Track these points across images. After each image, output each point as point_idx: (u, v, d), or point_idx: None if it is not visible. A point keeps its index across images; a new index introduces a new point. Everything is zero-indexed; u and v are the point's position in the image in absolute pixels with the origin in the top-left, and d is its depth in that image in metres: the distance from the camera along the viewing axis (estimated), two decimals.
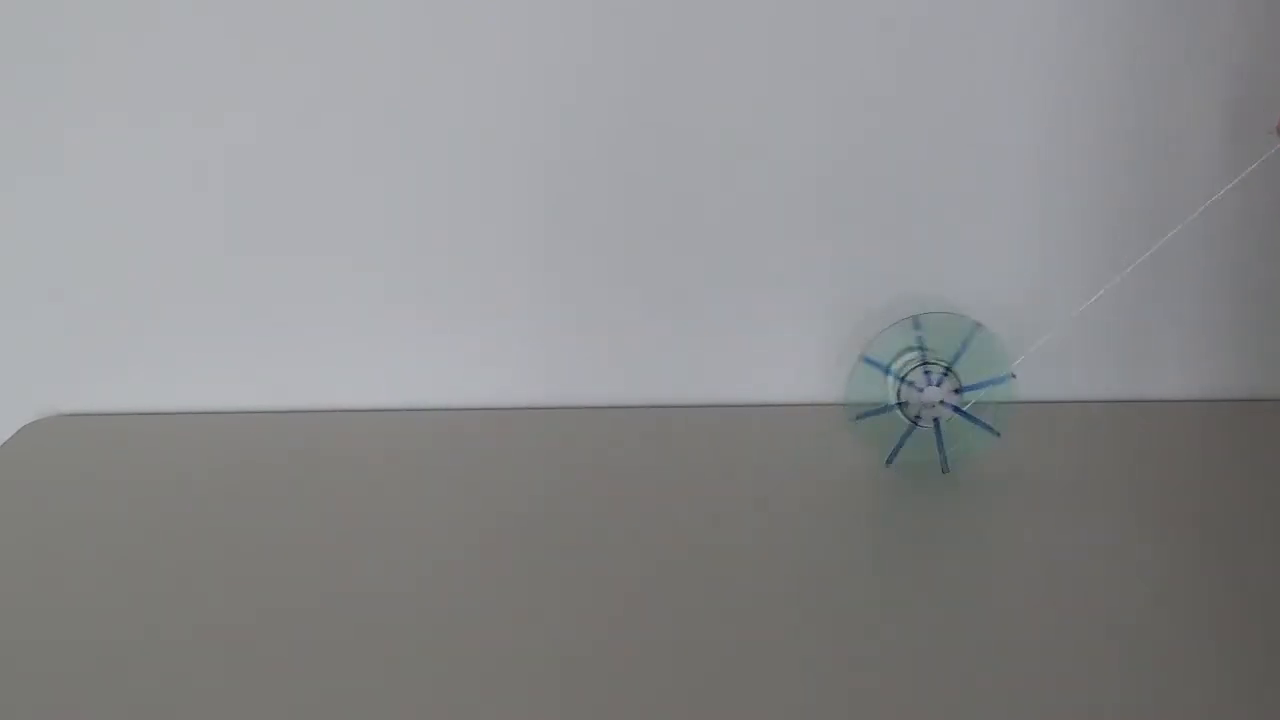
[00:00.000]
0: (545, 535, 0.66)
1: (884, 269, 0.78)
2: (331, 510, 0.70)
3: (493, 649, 0.57)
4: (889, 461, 0.69)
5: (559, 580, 0.62)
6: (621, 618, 0.59)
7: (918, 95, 0.74)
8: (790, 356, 0.81)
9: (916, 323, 0.69)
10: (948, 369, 0.67)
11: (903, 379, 0.67)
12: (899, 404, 0.68)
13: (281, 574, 0.63)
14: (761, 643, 0.57)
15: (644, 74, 0.74)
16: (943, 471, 0.68)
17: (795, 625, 0.58)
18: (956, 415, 0.67)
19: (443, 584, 0.62)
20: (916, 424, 0.68)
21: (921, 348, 0.68)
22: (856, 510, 0.68)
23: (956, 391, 0.67)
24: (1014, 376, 0.67)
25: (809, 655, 0.56)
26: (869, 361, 0.69)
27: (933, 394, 0.67)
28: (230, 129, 0.75)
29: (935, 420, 0.68)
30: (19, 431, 0.80)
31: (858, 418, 0.69)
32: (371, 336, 0.81)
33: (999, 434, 0.68)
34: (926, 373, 0.67)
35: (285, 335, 0.81)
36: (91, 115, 0.75)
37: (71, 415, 0.82)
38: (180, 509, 0.70)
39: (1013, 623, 0.58)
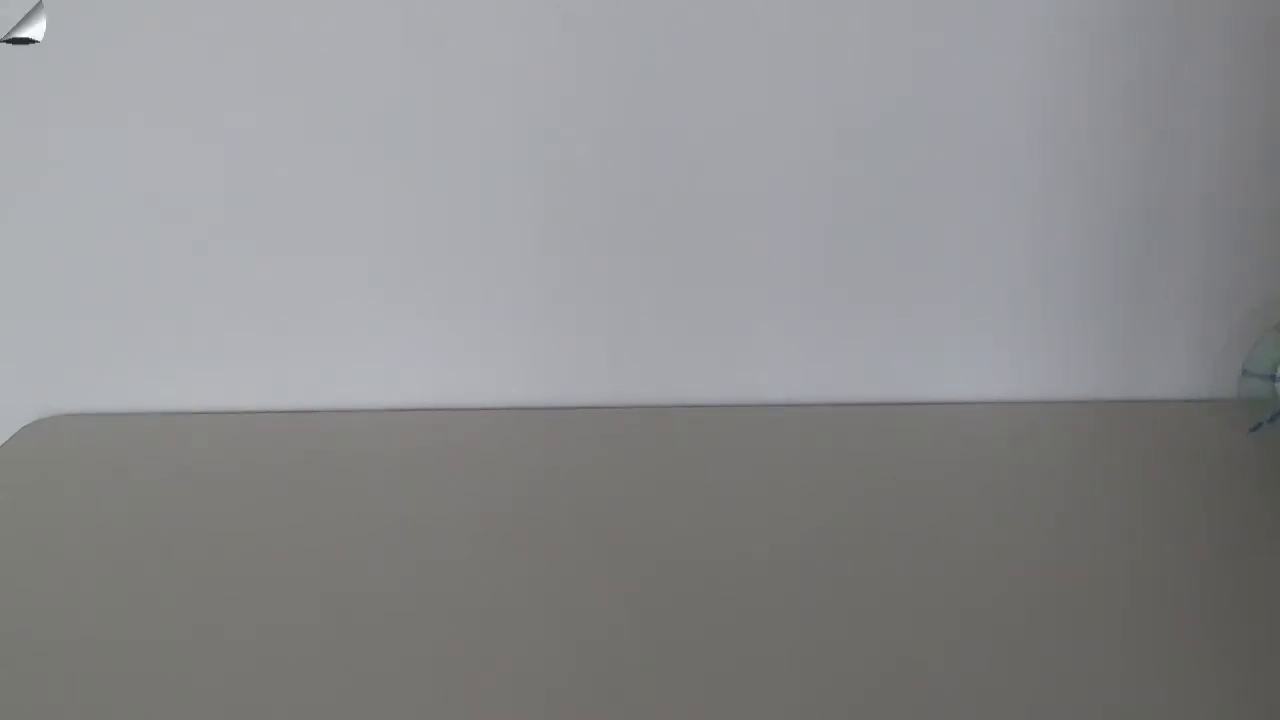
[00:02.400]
0: (545, 535, 0.66)
1: (879, 272, 0.78)
2: (331, 509, 0.70)
3: (494, 648, 0.57)
4: (1253, 430, 0.74)
5: (559, 580, 0.62)
6: (623, 618, 0.59)
7: (918, 97, 0.74)
8: (792, 357, 0.81)
9: None
10: None
11: None
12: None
13: (281, 573, 0.63)
14: (765, 647, 0.57)
15: (644, 75, 0.74)
16: None
17: (800, 632, 0.58)
18: None
19: (443, 583, 0.62)
20: None
21: None
22: (872, 511, 0.69)
23: None
24: None
25: (793, 662, 0.56)
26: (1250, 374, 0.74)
27: None
28: (231, 131, 0.75)
29: None
30: (19, 431, 0.80)
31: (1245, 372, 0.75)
32: (372, 336, 0.81)
33: None
34: None
35: (285, 335, 0.81)
36: (92, 116, 0.75)
37: (71, 415, 0.82)
38: (180, 509, 0.70)
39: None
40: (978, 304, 0.79)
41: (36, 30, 0.69)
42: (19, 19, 0.69)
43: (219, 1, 0.72)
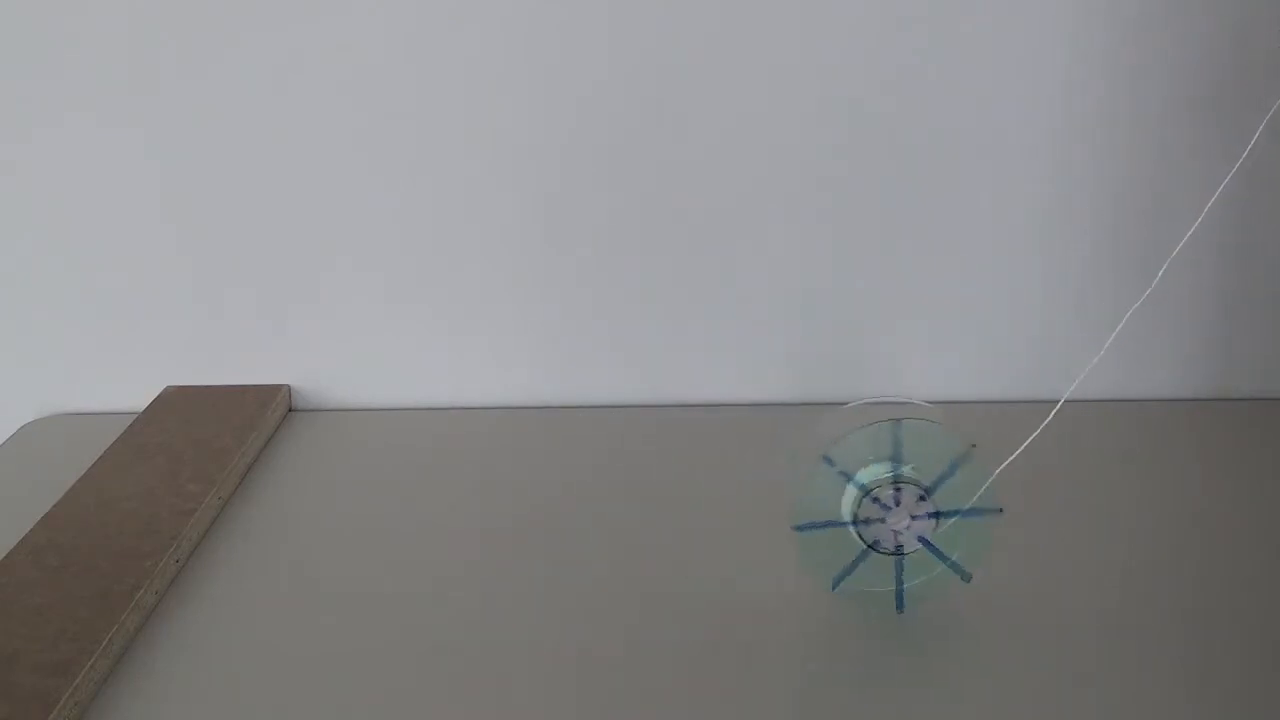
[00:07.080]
0: (546, 534, 0.66)
1: (880, 272, 0.78)
2: (333, 510, 0.70)
3: (497, 650, 0.57)
4: (834, 587, 0.56)
5: (560, 581, 0.62)
6: (622, 617, 0.59)
7: (920, 97, 0.74)
8: (792, 356, 0.81)
9: (896, 430, 0.54)
10: (926, 491, 0.54)
11: (868, 493, 0.53)
12: (856, 522, 0.54)
13: (283, 573, 0.64)
14: (766, 645, 0.57)
15: (645, 74, 0.74)
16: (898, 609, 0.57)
17: (802, 631, 0.58)
18: (924, 547, 0.55)
19: (447, 585, 0.62)
20: (874, 549, 0.55)
21: (896, 459, 0.54)
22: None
23: (932, 518, 0.54)
24: (1000, 510, 0.55)
25: (792, 660, 0.56)
26: (829, 462, 0.54)
27: (900, 518, 0.54)
28: (231, 130, 0.76)
29: (899, 548, 0.55)
30: (19, 431, 0.80)
31: (798, 528, 0.55)
32: (372, 336, 0.81)
33: (969, 577, 0.56)
34: (898, 489, 0.53)
35: (286, 335, 0.81)
36: (94, 115, 0.75)
37: (71, 415, 0.82)
38: None
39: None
40: (977, 304, 0.79)
41: None
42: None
43: (222, 1, 0.73)
